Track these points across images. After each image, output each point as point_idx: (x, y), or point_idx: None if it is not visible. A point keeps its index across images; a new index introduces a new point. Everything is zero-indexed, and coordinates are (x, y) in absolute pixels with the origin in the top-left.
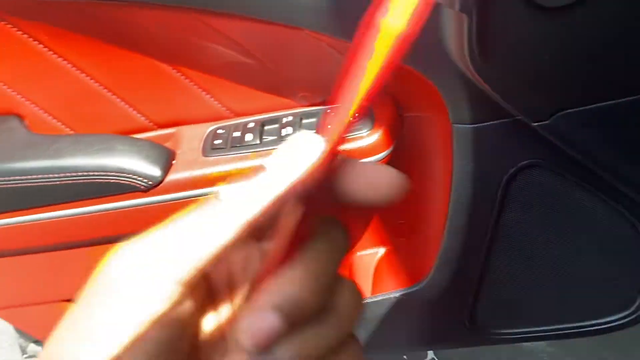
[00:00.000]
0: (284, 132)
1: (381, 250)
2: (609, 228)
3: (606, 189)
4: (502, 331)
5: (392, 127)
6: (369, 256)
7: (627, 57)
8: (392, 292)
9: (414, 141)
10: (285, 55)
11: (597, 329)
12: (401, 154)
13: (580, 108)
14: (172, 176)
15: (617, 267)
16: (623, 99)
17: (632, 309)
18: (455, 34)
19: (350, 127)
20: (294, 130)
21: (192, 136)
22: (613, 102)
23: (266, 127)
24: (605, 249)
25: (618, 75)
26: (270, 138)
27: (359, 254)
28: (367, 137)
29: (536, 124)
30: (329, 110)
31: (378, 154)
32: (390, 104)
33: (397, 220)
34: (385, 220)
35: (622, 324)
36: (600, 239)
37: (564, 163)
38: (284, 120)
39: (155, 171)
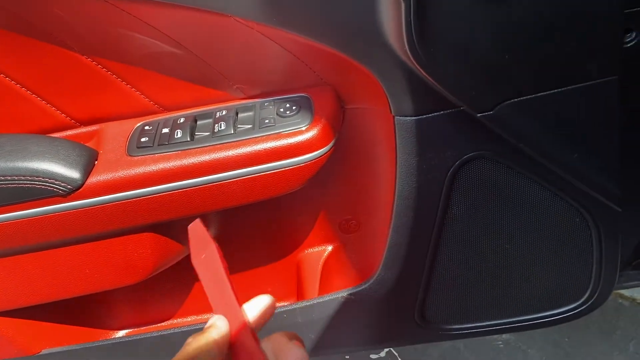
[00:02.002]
0: (217, 127)
1: (329, 248)
2: (556, 218)
3: (552, 178)
4: (454, 327)
5: (332, 121)
6: (316, 254)
7: (566, 44)
8: (339, 292)
9: (356, 134)
10: (216, 44)
11: (550, 320)
12: (343, 148)
13: (524, 97)
14: (93, 178)
15: (567, 257)
16: (566, 87)
17: (584, 298)
18: (392, 19)
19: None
20: (228, 126)
21: (116, 134)
22: (556, 90)
23: (198, 123)
24: (554, 239)
25: (559, 63)
26: (203, 134)
27: (306, 252)
28: (306, 132)
29: (480, 114)
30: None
31: (318, 149)
32: (331, 96)
33: (345, 216)
34: (332, 216)
35: (575, 314)
36: (549, 230)
37: (509, 154)
38: (218, 114)
39: (74, 173)
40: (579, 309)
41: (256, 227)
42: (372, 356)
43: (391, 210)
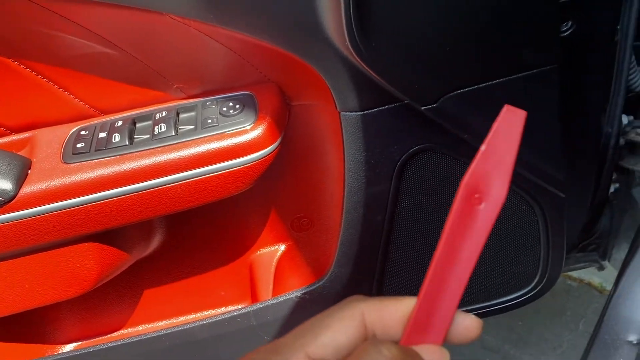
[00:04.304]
0: (157, 130)
1: (282, 247)
2: (505, 207)
3: None
4: None
5: (278, 118)
6: (269, 254)
7: (506, 34)
8: (293, 292)
9: (303, 131)
10: (153, 43)
11: (502, 307)
12: (291, 146)
13: (467, 89)
14: (27, 189)
15: (515, 244)
16: (507, 77)
17: (533, 284)
18: (332, 13)
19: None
20: (169, 128)
21: (50, 140)
22: (498, 80)
23: (138, 125)
24: (502, 227)
25: (500, 54)
26: (142, 137)
27: (258, 252)
28: (251, 131)
29: (424, 107)
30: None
31: (264, 148)
32: (275, 93)
33: (296, 214)
34: (284, 214)
35: (526, 299)
36: (498, 219)
37: (454, 145)
38: (158, 116)
39: (5, 184)
40: (530, 294)
41: (205, 230)
42: None
43: (342, 207)
